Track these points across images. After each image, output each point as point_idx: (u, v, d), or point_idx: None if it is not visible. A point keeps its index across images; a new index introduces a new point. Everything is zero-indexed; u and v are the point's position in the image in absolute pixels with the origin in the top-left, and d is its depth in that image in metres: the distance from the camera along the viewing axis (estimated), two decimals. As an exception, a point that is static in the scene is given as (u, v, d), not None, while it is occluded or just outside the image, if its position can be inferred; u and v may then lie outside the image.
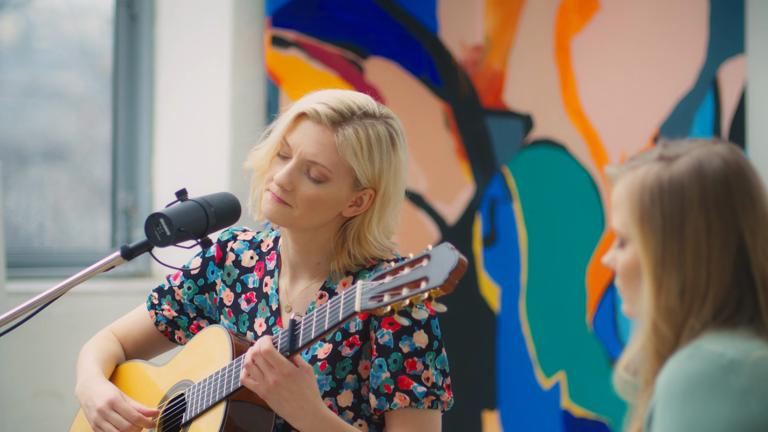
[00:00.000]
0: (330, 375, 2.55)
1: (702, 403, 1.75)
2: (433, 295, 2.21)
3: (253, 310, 2.67)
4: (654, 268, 1.84)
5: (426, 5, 4.51)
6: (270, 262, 2.69)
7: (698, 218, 1.84)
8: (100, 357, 2.76)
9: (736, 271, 1.84)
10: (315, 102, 2.56)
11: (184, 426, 2.58)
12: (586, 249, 4.34)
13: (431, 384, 2.52)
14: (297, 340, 2.41)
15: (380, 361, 2.52)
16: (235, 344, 2.55)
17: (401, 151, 2.58)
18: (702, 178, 1.85)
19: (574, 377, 4.37)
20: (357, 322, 2.55)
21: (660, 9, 4.17)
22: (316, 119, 2.54)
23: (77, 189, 4.76)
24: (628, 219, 1.88)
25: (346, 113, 2.54)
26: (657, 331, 1.84)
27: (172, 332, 2.78)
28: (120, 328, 2.83)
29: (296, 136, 2.55)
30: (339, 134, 2.53)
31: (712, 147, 1.89)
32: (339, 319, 2.34)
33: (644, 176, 1.88)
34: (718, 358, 1.77)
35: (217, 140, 4.47)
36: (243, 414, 2.50)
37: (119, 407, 2.60)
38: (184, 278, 2.76)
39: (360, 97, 2.58)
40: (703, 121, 4.08)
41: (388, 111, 2.60)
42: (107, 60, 4.68)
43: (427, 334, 2.53)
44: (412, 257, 2.26)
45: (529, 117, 4.46)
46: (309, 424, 2.44)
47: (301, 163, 2.54)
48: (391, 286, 2.25)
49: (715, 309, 1.83)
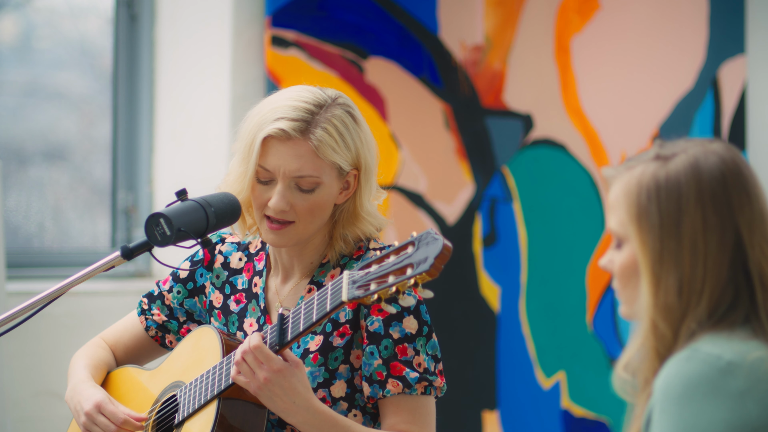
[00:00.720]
0: (322, 366, 2.56)
1: (700, 405, 1.75)
2: (419, 281, 2.21)
3: (242, 310, 2.68)
4: (652, 266, 1.84)
5: (426, 5, 4.51)
6: (259, 262, 2.70)
7: (695, 215, 1.84)
8: (91, 363, 2.77)
9: (733, 268, 1.84)
10: (273, 121, 2.54)
11: (176, 427, 2.58)
12: (586, 249, 4.34)
13: (423, 369, 2.53)
14: (286, 334, 2.42)
15: (371, 349, 2.53)
16: (226, 343, 2.55)
17: (363, 123, 2.60)
18: (698, 175, 1.85)
19: (574, 377, 4.37)
20: (347, 311, 2.56)
21: (660, 9, 4.17)
22: (284, 137, 2.53)
23: (77, 189, 4.76)
24: (625, 218, 1.88)
25: (306, 117, 2.54)
26: (656, 329, 1.84)
27: (163, 337, 2.79)
28: (111, 336, 2.84)
29: (272, 160, 2.54)
30: (312, 139, 2.53)
31: (708, 145, 1.89)
32: (327, 310, 2.35)
33: (641, 175, 1.88)
34: (715, 360, 1.77)
35: (217, 140, 4.47)
36: (235, 411, 2.50)
37: (106, 410, 2.61)
38: (173, 283, 2.77)
39: (306, 94, 2.58)
40: (703, 121, 4.08)
41: (334, 91, 2.60)
42: (107, 60, 4.68)
43: (417, 320, 2.53)
44: (397, 245, 2.27)
45: (529, 117, 4.46)
46: (302, 419, 2.44)
47: (289, 182, 2.54)
48: (377, 274, 2.26)
49: (710, 306, 1.83)
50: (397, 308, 2.52)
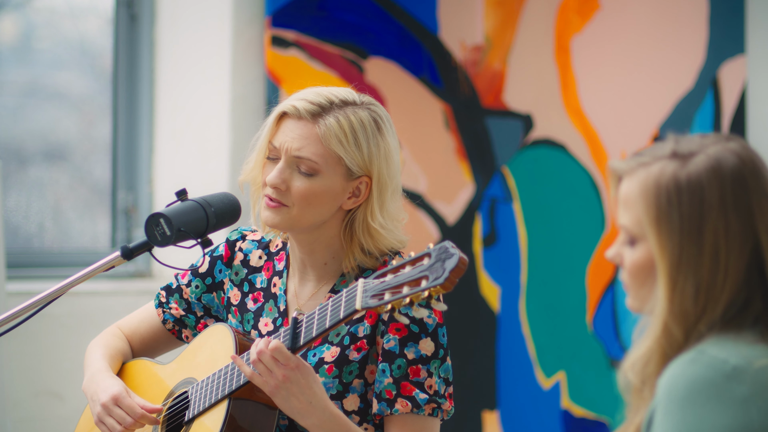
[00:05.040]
0: (337, 378, 2.55)
1: (703, 409, 1.74)
2: (433, 294, 2.21)
3: (259, 309, 2.67)
4: (670, 269, 1.81)
5: (426, 5, 4.51)
6: (279, 262, 2.69)
7: (717, 221, 1.80)
8: (108, 353, 2.77)
9: (748, 272, 1.81)
10: (294, 100, 2.58)
11: (187, 423, 2.58)
12: (586, 249, 4.34)
13: (434, 392, 2.52)
14: (299, 338, 2.41)
15: (384, 366, 2.52)
16: (240, 342, 2.55)
17: (389, 136, 2.59)
18: (721, 178, 1.82)
19: (574, 377, 4.37)
20: (365, 326, 2.55)
21: (660, 9, 4.17)
22: (296, 116, 2.55)
23: (77, 189, 4.76)
24: (643, 218, 1.84)
25: (325, 104, 2.55)
26: (668, 332, 1.81)
27: (179, 331, 2.78)
28: (127, 326, 2.83)
29: (280, 137, 2.56)
30: (320, 125, 2.54)
31: (726, 144, 1.85)
32: (340, 317, 2.34)
33: (659, 174, 1.84)
34: (721, 364, 1.75)
35: (217, 140, 4.47)
36: (245, 412, 2.50)
37: (123, 403, 2.60)
38: (192, 277, 2.76)
39: (340, 90, 2.60)
40: (703, 121, 4.08)
41: (370, 99, 2.61)
42: (107, 60, 4.68)
43: (434, 342, 2.53)
44: (413, 255, 2.27)
45: (529, 117, 4.46)
46: (317, 420, 2.43)
47: (289, 160, 2.55)
48: (392, 284, 2.26)
49: (724, 310, 1.81)
50: (415, 329, 2.51)
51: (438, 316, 2.53)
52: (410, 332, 2.51)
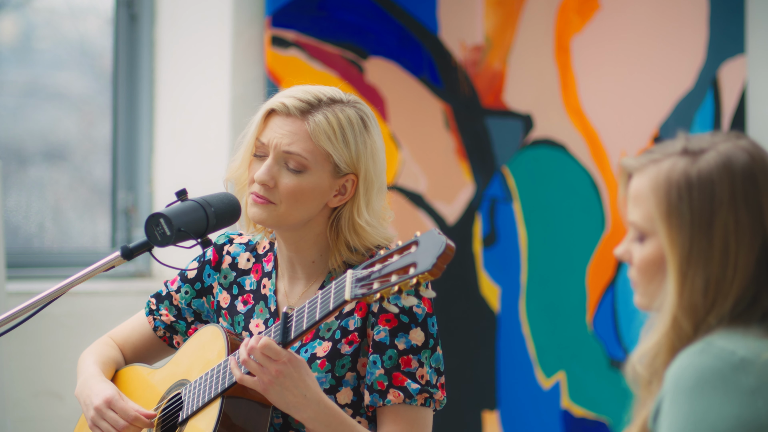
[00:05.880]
0: (329, 373, 2.55)
1: (710, 399, 1.75)
2: (421, 281, 2.22)
3: (249, 311, 2.68)
4: (680, 264, 1.83)
5: (426, 5, 4.51)
6: (267, 264, 2.70)
7: (728, 216, 1.82)
8: (100, 360, 2.77)
9: (758, 267, 1.83)
10: (282, 97, 2.60)
11: (180, 424, 2.59)
12: (586, 249, 4.34)
13: (425, 382, 2.53)
14: (289, 333, 2.42)
15: (375, 358, 2.53)
16: (231, 342, 2.56)
17: (375, 134, 2.61)
18: (731, 174, 1.83)
19: (574, 377, 4.37)
20: (356, 319, 2.55)
21: (660, 9, 4.17)
22: (285, 113, 2.57)
23: (77, 189, 4.76)
24: (654, 213, 1.85)
25: (313, 102, 2.57)
26: (677, 326, 1.83)
27: (171, 337, 2.79)
28: (119, 335, 2.84)
29: (268, 133, 2.58)
30: (310, 122, 2.55)
31: (736, 142, 1.87)
32: (330, 309, 2.35)
33: (670, 171, 1.85)
34: (729, 355, 1.77)
35: (217, 140, 4.48)
36: (239, 410, 2.50)
37: (116, 406, 2.61)
38: (181, 283, 2.77)
39: (327, 88, 2.62)
40: (703, 121, 4.08)
41: (356, 98, 2.63)
42: (107, 60, 4.68)
43: (424, 332, 2.53)
44: (401, 244, 2.28)
45: (529, 117, 4.46)
46: (312, 413, 2.44)
47: (278, 156, 2.56)
48: (380, 273, 2.26)
49: (734, 305, 1.82)
50: (405, 319, 2.52)
51: (427, 306, 2.54)
52: (400, 323, 2.52)
